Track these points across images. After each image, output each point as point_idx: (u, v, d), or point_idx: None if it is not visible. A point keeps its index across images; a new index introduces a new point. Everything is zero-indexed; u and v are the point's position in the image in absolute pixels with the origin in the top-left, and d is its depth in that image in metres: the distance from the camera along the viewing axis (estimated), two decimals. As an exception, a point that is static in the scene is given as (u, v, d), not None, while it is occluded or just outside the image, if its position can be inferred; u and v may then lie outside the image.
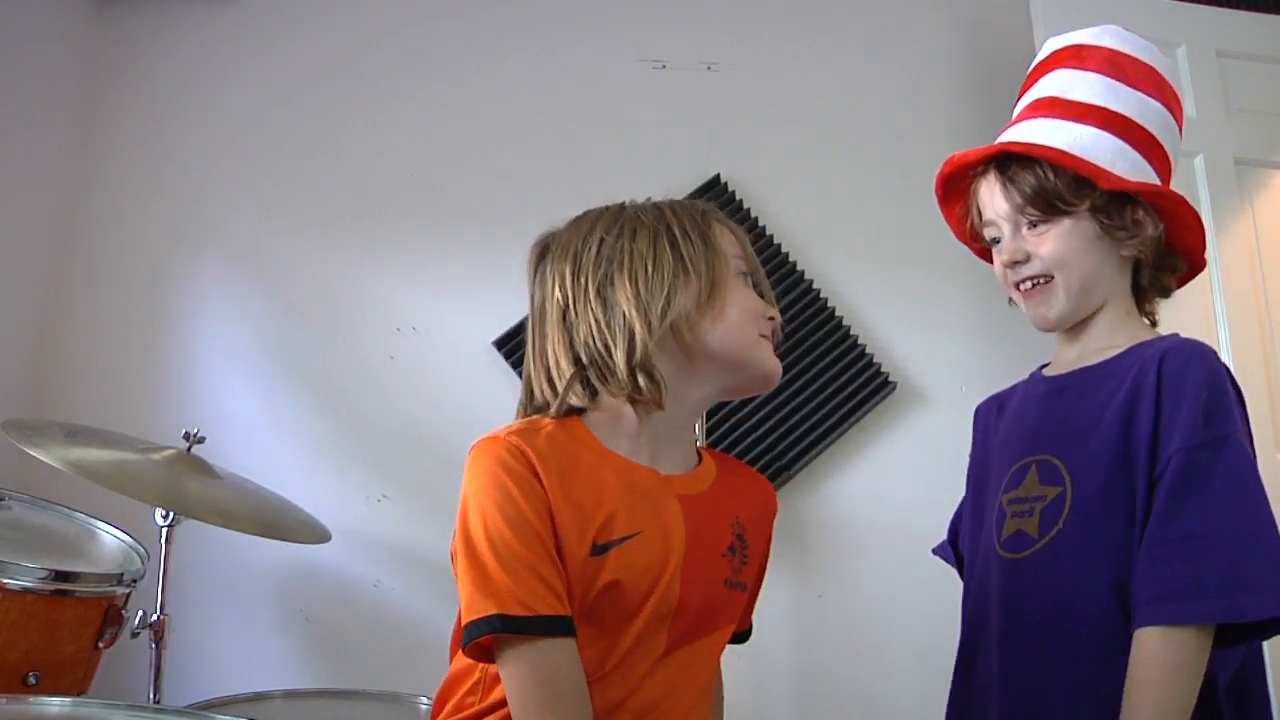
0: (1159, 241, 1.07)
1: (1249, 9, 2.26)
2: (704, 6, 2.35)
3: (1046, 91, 1.13)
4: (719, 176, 2.22)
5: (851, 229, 2.22)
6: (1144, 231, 1.06)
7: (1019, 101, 1.18)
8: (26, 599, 1.28)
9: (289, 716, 1.56)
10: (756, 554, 1.04)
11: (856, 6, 2.36)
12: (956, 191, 1.19)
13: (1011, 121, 1.15)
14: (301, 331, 2.15)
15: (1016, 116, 1.15)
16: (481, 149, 2.23)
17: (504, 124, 2.25)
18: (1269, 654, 1.02)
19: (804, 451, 2.05)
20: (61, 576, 1.35)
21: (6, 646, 1.27)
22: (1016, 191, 1.08)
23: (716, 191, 2.20)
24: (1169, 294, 1.13)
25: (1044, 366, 1.18)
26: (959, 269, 2.03)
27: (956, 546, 1.27)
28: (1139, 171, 1.06)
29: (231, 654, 1.96)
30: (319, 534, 1.67)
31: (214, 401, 2.08)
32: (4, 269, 2.01)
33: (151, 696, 1.48)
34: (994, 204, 1.11)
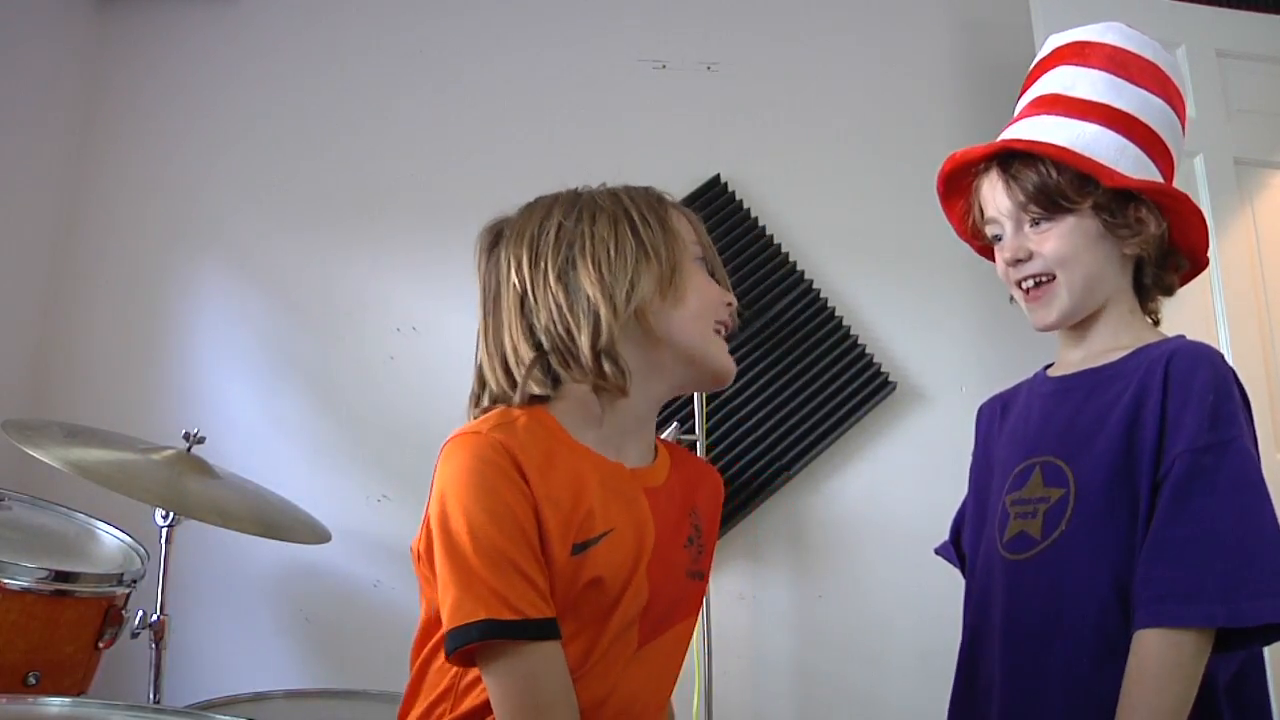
0: (1162, 239, 1.06)
1: (1249, 9, 2.25)
2: (704, 6, 2.35)
3: (1049, 88, 1.12)
4: (719, 176, 2.22)
5: (851, 229, 2.22)
6: (1147, 230, 1.05)
7: (1020, 99, 1.17)
8: (26, 599, 1.29)
9: (289, 716, 1.56)
10: (710, 542, 1.04)
11: (857, 7, 2.36)
12: (958, 189, 1.18)
13: (1014, 119, 1.15)
14: (301, 332, 2.15)
15: (1019, 114, 1.15)
16: (481, 149, 2.23)
17: (504, 124, 2.25)
18: (1269, 654, 1.02)
19: (804, 451, 2.05)
20: (61, 576, 1.35)
21: (6, 646, 1.27)
22: (1019, 189, 1.07)
23: (716, 191, 2.20)
24: (1172, 292, 1.12)
25: (1048, 367, 1.17)
26: (959, 269, 2.04)
27: (959, 546, 1.26)
28: (1142, 169, 1.06)
29: (231, 654, 1.96)
30: (319, 534, 1.67)
31: (214, 401, 2.08)
32: (4, 269, 2.01)
33: (151, 696, 1.48)
34: (996, 201, 1.10)
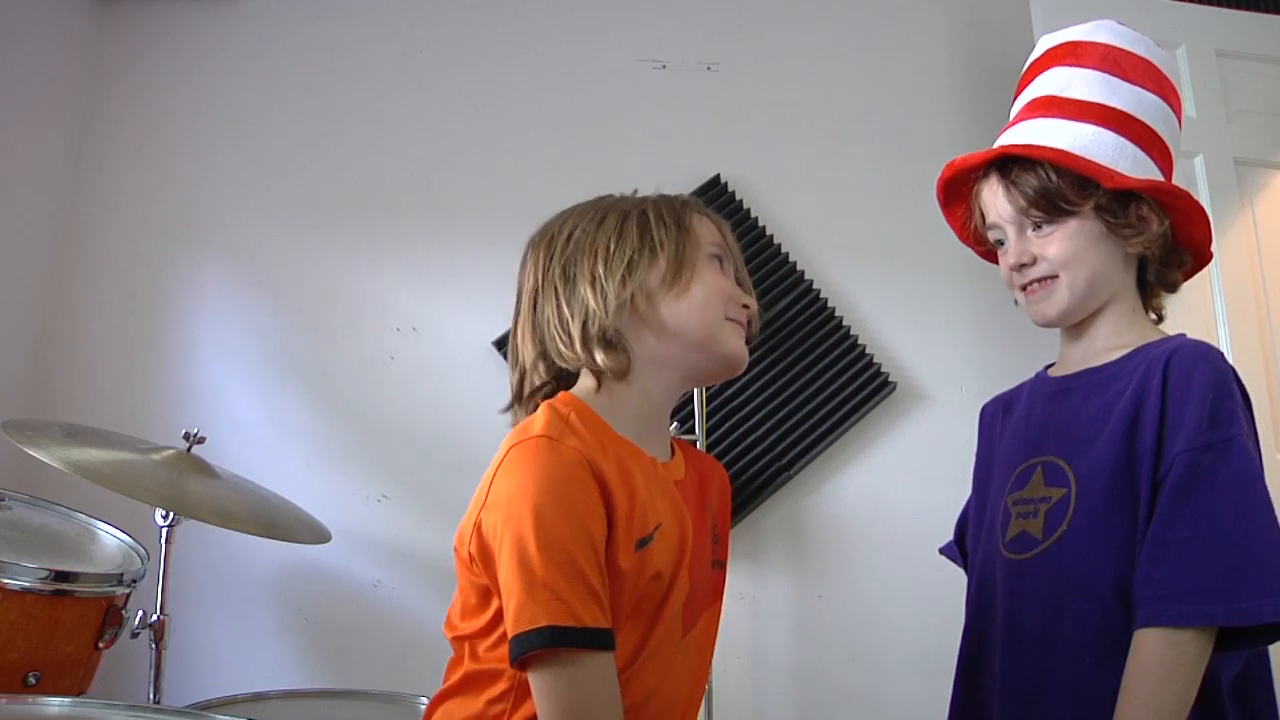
0: (1165, 237, 1.06)
1: (1249, 9, 2.26)
2: (704, 6, 2.36)
3: (1044, 90, 1.12)
4: (719, 176, 2.22)
5: (851, 229, 2.22)
6: (1149, 228, 1.05)
7: (1015, 101, 1.17)
8: (26, 599, 1.29)
9: (289, 716, 1.56)
10: (725, 533, 1.07)
11: (856, 6, 2.36)
12: (958, 195, 1.18)
13: (1010, 122, 1.14)
14: (301, 331, 2.15)
15: (1015, 117, 1.15)
16: (481, 149, 2.24)
17: (504, 124, 2.25)
18: (1274, 654, 1.01)
19: (804, 451, 2.05)
20: (61, 576, 1.35)
21: (6, 646, 1.27)
22: (1019, 194, 1.07)
23: (716, 191, 2.20)
24: (1176, 288, 1.12)
25: (1049, 366, 1.17)
26: (959, 269, 2.04)
27: (963, 545, 1.26)
28: (1141, 168, 1.06)
29: (231, 654, 1.96)
30: (319, 534, 1.68)
31: (214, 401, 2.08)
32: (4, 269, 2.01)
33: (151, 696, 1.48)
34: (997, 207, 1.10)
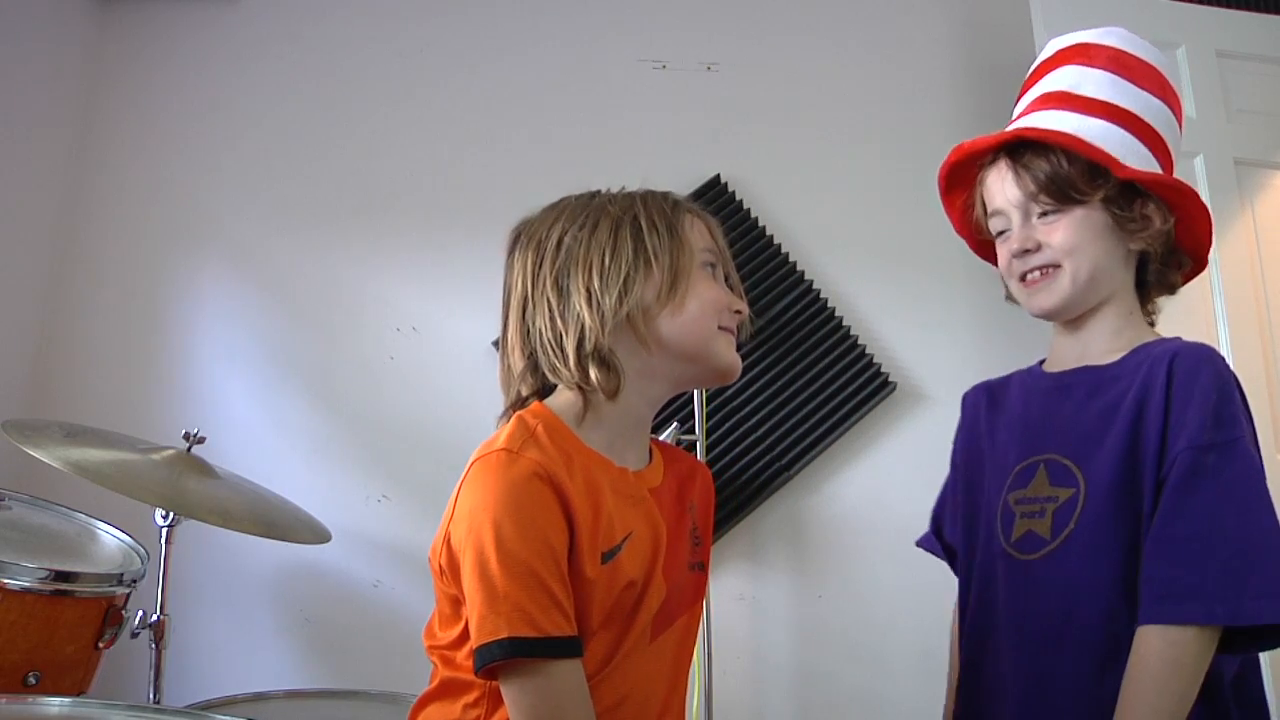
0: (1169, 236, 1.06)
1: (1249, 9, 2.26)
2: (704, 6, 2.35)
3: (1055, 86, 1.12)
4: (719, 176, 2.22)
5: (851, 229, 2.22)
6: (1153, 225, 1.05)
7: (1020, 99, 1.17)
8: (26, 599, 1.29)
9: (289, 716, 1.56)
10: (706, 534, 1.06)
11: (856, 7, 2.36)
12: (961, 182, 1.18)
13: (1015, 116, 1.14)
14: (301, 331, 2.15)
15: (1024, 109, 1.14)
16: (481, 149, 2.23)
17: (504, 124, 2.25)
18: (1266, 654, 1.02)
19: (804, 451, 2.05)
20: (61, 576, 1.35)
21: (6, 646, 1.27)
22: (1030, 178, 1.06)
23: (716, 192, 2.20)
24: (1175, 290, 1.12)
25: (1042, 361, 1.17)
26: (959, 269, 2.04)
27: (941, 535, 1.26)
28: (1147, 166, 1.06)
29: (231, 654, 1.96)
30: (319, 534, 1.67)
31: (214, 401, 2.08)
32: (4, 269, 2.01)
33: (151, 696, 1.48)
34: (1005, 192, 1.09)
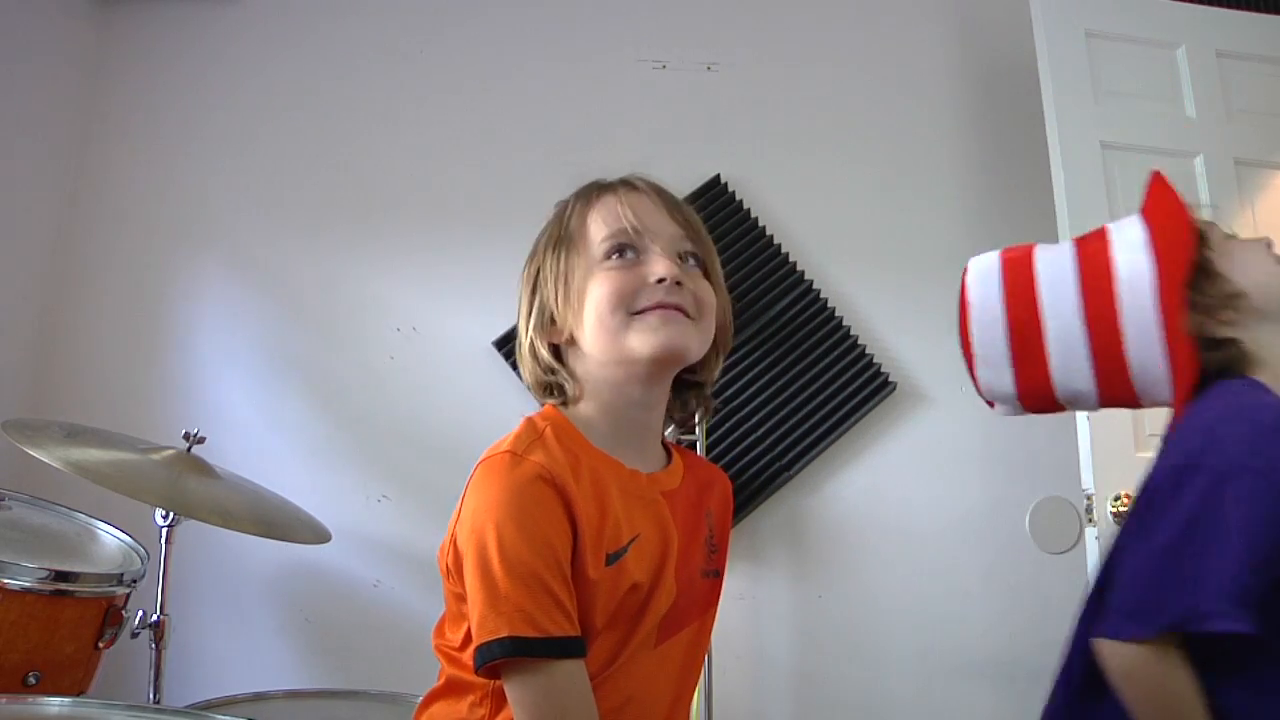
0: None
1: (1249, 9, 2.25)
2: (704, 6, 2.36)
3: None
4: (719, 176, 2.22)
5: (851, 229, 2.21)
6: None
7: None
8: (26, 599, 1.29)
9: (289, 716, 1.56)
10: (723, 542, 1.07)
11: (856, 7, 2.36)
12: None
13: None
14: (302, 332, 2.15)
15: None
16: (481, 149, 2.24)
17: (504, 124, 2.25)
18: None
19: (804, 451, 2.05)
20: (61, 576, 1.35)
21: (6, 646, 1.27)
22: None
23: (716, 192, 2.20)
24: None
25: None
26: (959, 269, 2.03)
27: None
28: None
29: (231, 654, 1.96)
30: (319, 534, 1.67)
31: (214, 401, 2.08)
32: (4, 269, 2.01)
33: (151, 696, 1.48)
34: None
